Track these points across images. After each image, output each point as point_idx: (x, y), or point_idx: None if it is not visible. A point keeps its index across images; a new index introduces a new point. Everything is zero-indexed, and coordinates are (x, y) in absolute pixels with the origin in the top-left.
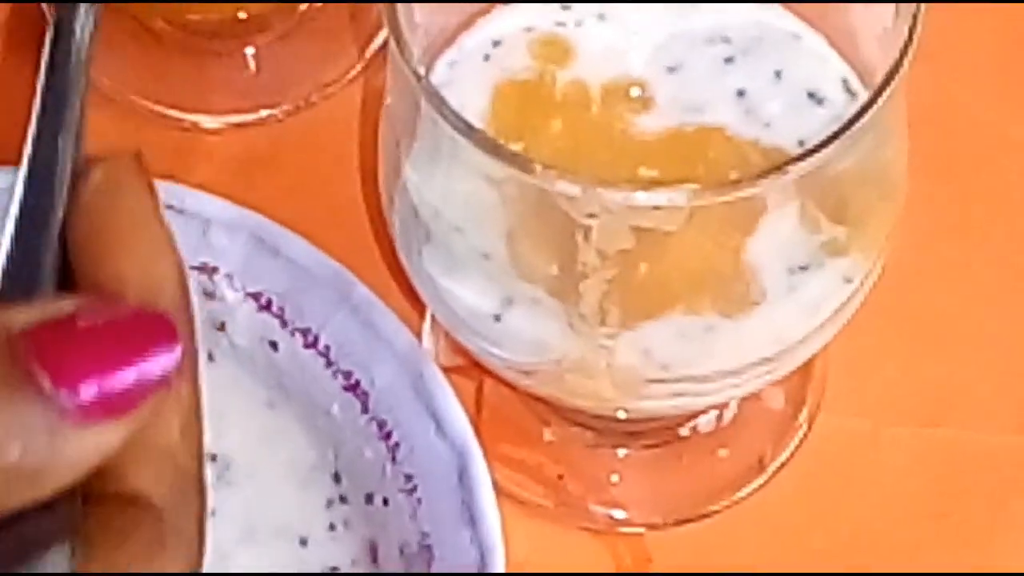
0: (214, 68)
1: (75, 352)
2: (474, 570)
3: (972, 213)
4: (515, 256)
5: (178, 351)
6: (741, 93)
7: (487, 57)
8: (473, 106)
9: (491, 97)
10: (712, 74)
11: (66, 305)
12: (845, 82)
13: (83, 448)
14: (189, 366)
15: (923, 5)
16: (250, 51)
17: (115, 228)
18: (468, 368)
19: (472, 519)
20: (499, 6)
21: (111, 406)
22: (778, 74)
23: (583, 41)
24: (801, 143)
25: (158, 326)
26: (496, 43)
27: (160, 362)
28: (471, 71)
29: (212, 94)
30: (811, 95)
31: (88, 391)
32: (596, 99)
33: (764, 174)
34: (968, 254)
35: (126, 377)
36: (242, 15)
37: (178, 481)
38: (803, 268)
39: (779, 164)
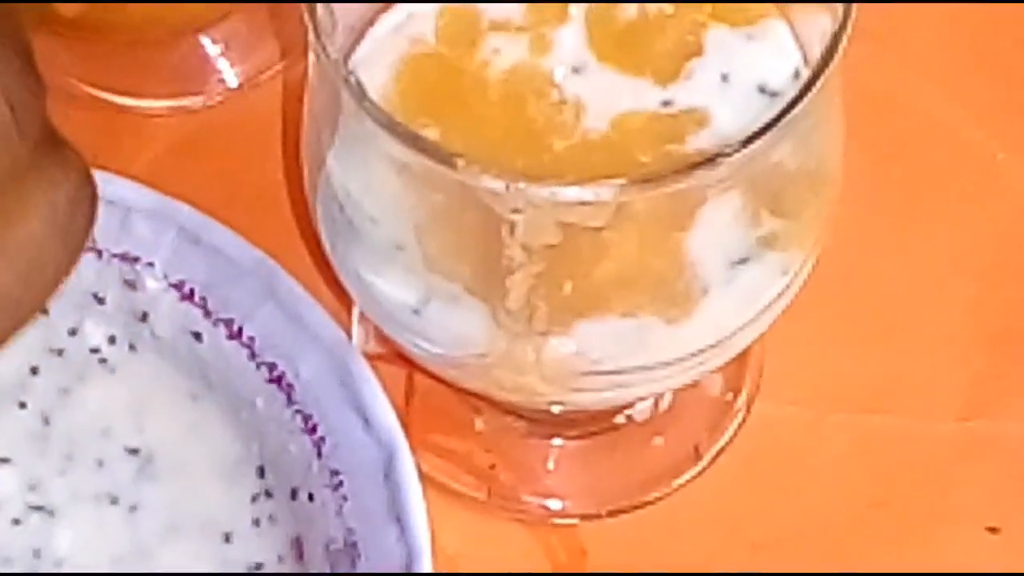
0: (146, 52)
1: None
2: (400, 569)
3: (909, 199)
4: (425, 251)
5: None
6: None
7: (398, 30)
8: (380, 83)
9: (397, 72)
10: None
11: None
12: (796, 72)
13: None
14: None
15: None
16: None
17: None
18: (398, 356)
19: (399, 517)
20: None
21: None
22: (724, 77)
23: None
24: None
25: None
26: (409, 15)
27: None
28: (383, 48)
29: (142, 78)
30: (762, 89)
31: None
32: (512, 83)
33: (692, 168)
34: (905, 241)
35: None
36: None
37: None
38: (742, 261)
39: (708, 157)
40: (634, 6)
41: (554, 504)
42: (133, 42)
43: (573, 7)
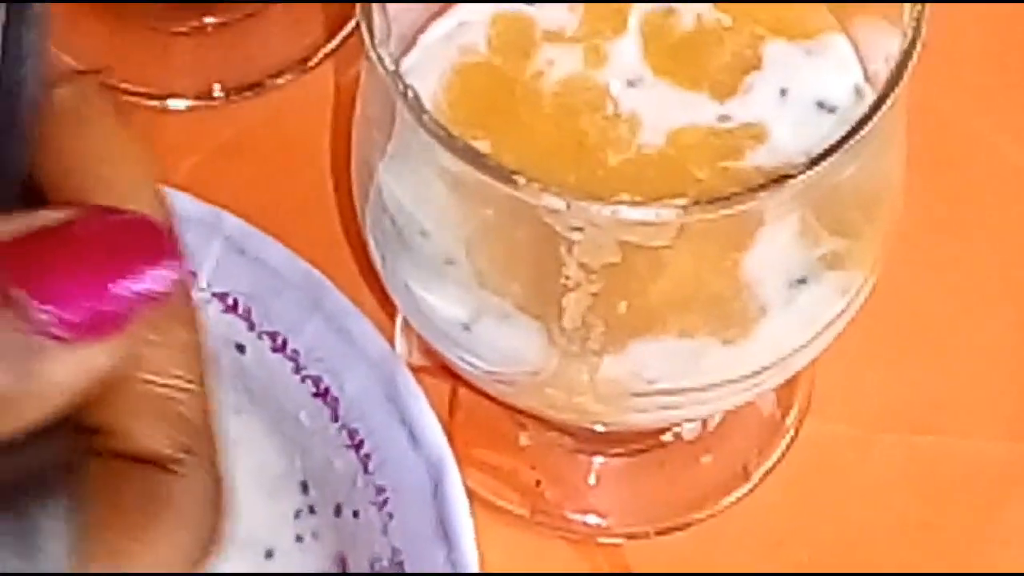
0: (179, 48)
1: (60, 265)
2: None
3: (964, 221)
4: (476, 267)
5: (173, 263)
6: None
7: (449, 38)
8: (430, 92)
9: (448, 81)
10: None
11: (48, 215)
12: (857, 89)
13: (68, 371)
14: (184, 303)
15: (927, 9)
16: (216, 31)
17: (84, 142)
18: (442, 369)
19: (447, 537)
20: None
21: (100, 324)
22: (783, 92)
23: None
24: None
25: (150, 235)
26: (460, 24)
27: (155, 276)
28: (433, 56)
29: (177, 75)
30: (821, 104)
31: (74, 307)
32: (565, 95)
33: (757, 189)
34: (955, 259)
35: (117, 292)
36: None
37: (184, 435)
38: (801, 281)
39: (773, 179)
40: (691, 17)
41: (598, 522)
42: (177, 9)
43: (631, 19)
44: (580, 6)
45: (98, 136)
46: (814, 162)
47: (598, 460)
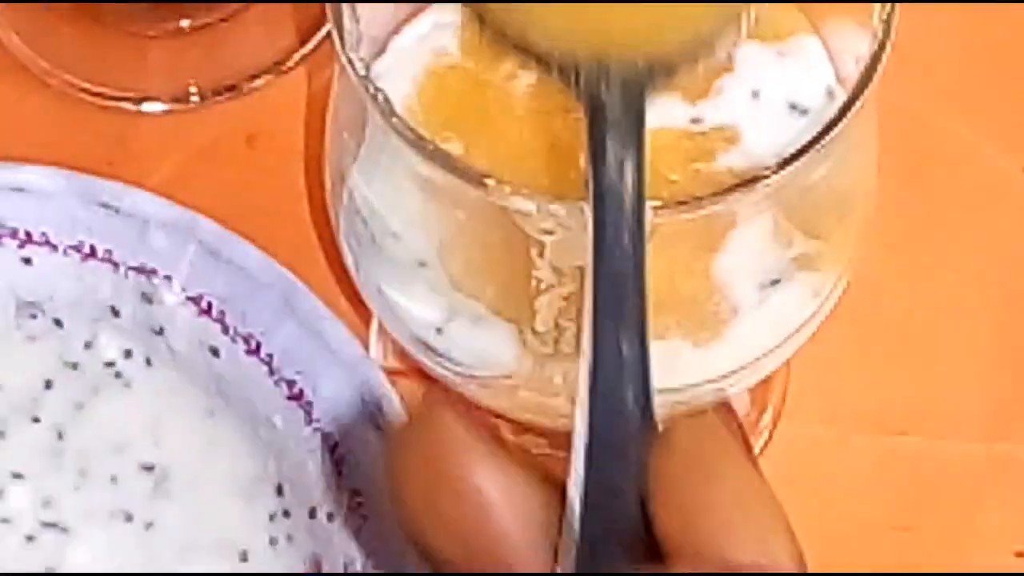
0: (156, 51)
1: None
2: None
3: (932, 219)
4: (448, 270)
5: None
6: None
7: (421, 41)
8: (402, 95)
9: (420, 85)
10: None
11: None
12: (829, 90)
13: None
14: None
15: (897, 10)
16: (192, 34)
17: (714, 486)
18: (417, 372)
19: None
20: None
21: None
22: (755, 94)
23: None
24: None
25: None
26: (434, 27)
27: None
28: (406, 59)
29: (152, 78)
30: (793, 106)
31: None
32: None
33: (728, 191)
34: (930, 260)
35: None
36: None
37: None
38: (774, 282)
39: (744, 181)
40: None
41: None
42: (153, 11)
43: None
44: None
45: (729, 479)
46: (784, 163)
47: None
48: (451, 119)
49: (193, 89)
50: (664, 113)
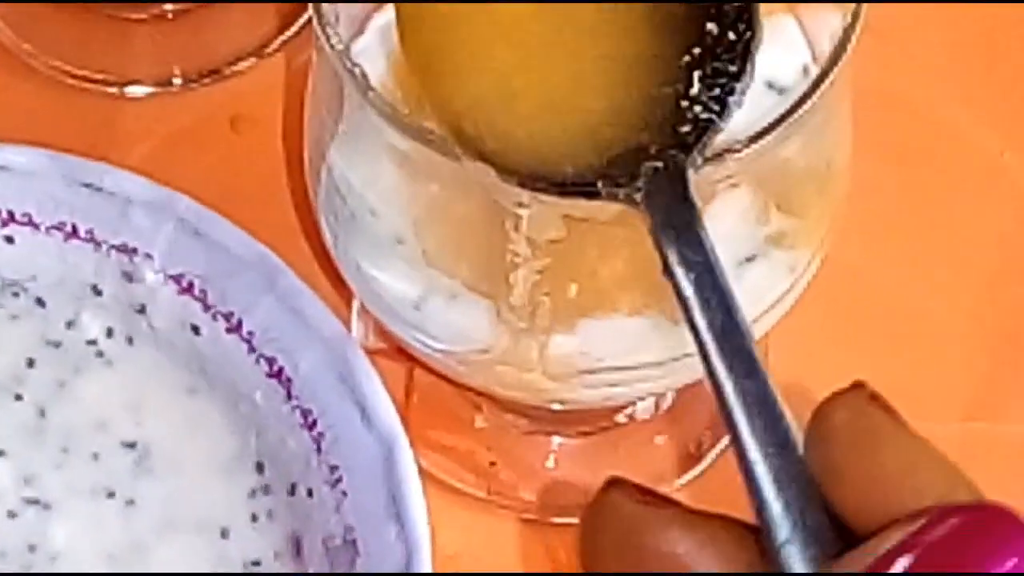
0: (139, 35)
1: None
2: (400, 566)
3: (912, 199)
4: (424, 246)
5: None
6: None
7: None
8: (379, 73)
9: (395, 61)
10: None
11: (891, 536)
12: (805, 68)
13: None
14: None
15: None
16: (176, 18)
17: (880, 459)
18: (398, 351)
19: (398, 514)
20: None
21: None
22: None
23: None
24: None
25: (1006, 520)
26: None
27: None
28: (383, 38)
29: (136, 62)
30: (770, 84)
31: None
32: None
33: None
34: (909, 240)
35: None
36: None
37: None
38: (750, 259)
39: (716, 153)
40: None
41: (554, 502)
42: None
43: None
44: None
45: (893, 449)
46: (754, 139)
47: (554, 440)
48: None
49: (176, 72)
50: None
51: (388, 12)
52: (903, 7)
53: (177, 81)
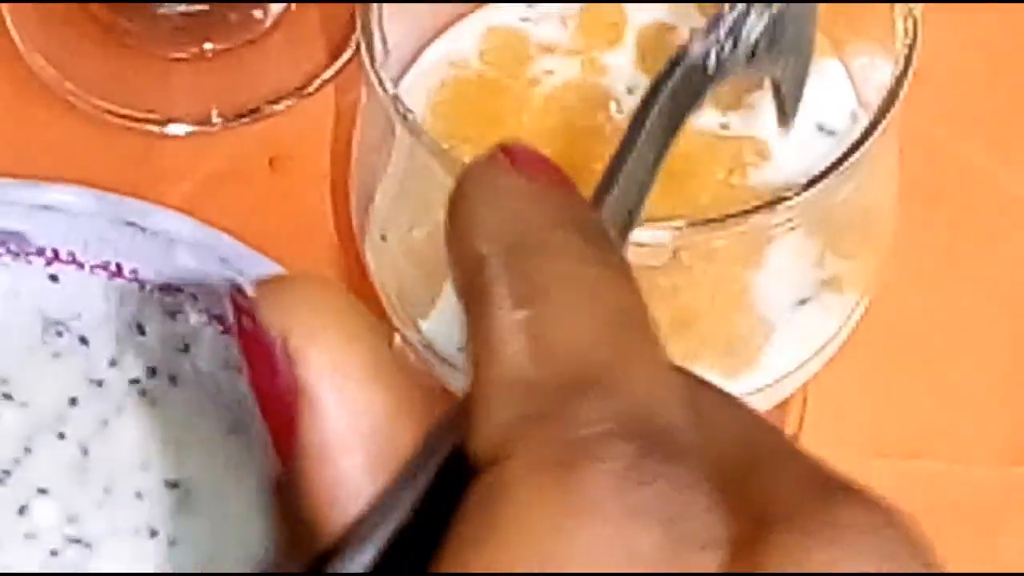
0: (180, 74)
1: None
2: None
3: (955, 245)
4: None
5: None
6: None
7: (443, 58)
8: (420, 108)
9: (436, 94)
10: None
11: None
12: (853, 114)
13: None
14: None
15: (920, 34)
16: (216, 57)
17: None
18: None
19: None
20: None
21: None
22: None
23: (547, 38)
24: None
25: None
26: (455, 44)
27: None
28: (427, 74)
29: (176, 101)
30: (820, 127)
31: None
32: (565, 98)
33: (754, 210)
34: (951, 286)
35: None
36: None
37: None
38: (803, 302)
39: (769, 201)
40: (688, 33)
41: None
42: (177, 33)
43: (627, 34)
44: (571, 23)
45: None
46: (809, 184)
47: None
48: (462, 126)
49: (216, 111)
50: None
51: (434, 50)
52: (942, 56)
53: (217, 120)
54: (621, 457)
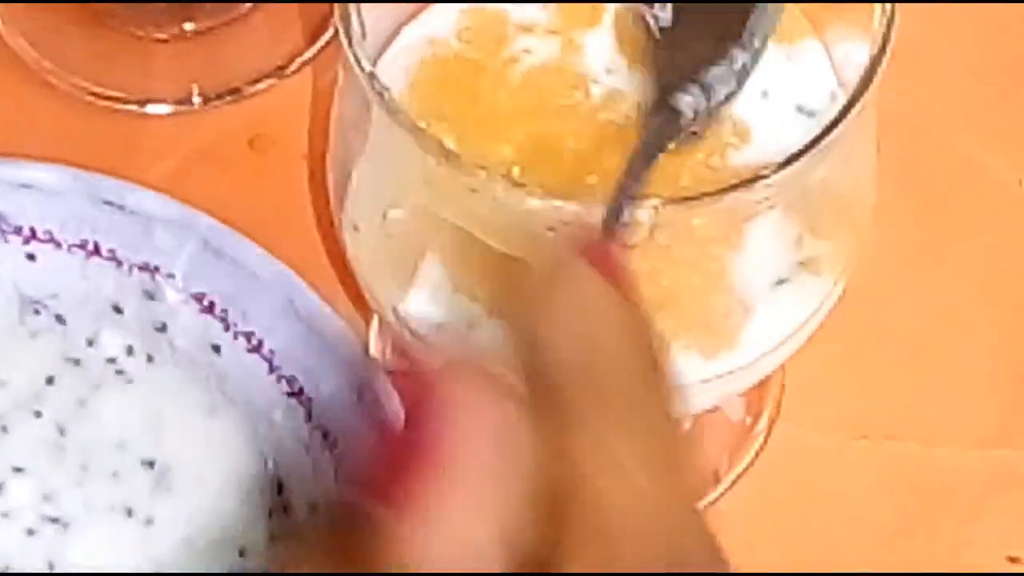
0: (160, 54)
1: None
2: None
3: (937, 229)
4: (449, 270)
5: None
6: None
7: (420, 39)
8: (399, 88)
9: (414, 74)
10: None
11: None
12: (833, 94)
13: None
14: None
15: (898, 15)
16: (196, 37)
17: None
18: (416, 370)
19: None
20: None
21: None
22: (764, 93)
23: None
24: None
25: None
26: (432, 25)
27: None
28: (405, 54)
29: (156, 81)
30: (800, 108)
31: None
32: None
33: (731, 188)
34: (930, 266)
35: None
36: None
37: None
38: (781, 282)
39: (746, 179)
40: (669, 15)
41: None
42: (158, 14)
43: (605, 16)
44: (552, 6)
45: None
46: (785, 163)
47: None
48: (439, 105)
49: (196, 91)
50: None
51: (413, 29)
52: (923, 38)
53: (197, 100)
54: None
